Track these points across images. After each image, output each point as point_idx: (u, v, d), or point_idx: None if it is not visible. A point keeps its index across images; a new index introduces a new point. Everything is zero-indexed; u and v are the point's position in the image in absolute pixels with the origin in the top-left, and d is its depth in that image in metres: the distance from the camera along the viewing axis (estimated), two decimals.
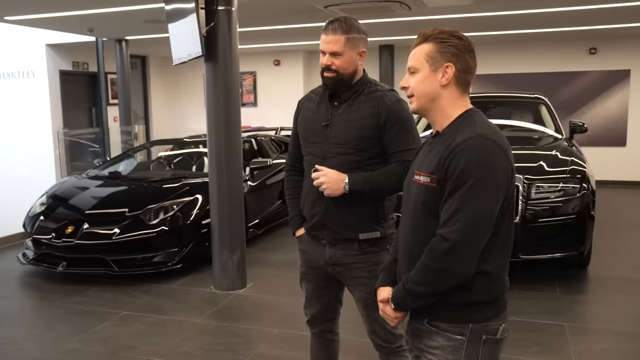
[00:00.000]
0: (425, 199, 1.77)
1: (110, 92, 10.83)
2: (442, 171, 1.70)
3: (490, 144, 1.69)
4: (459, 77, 1.78)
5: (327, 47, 2.39)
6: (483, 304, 1.75)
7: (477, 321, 1.75)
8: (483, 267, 1.72)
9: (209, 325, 4.42)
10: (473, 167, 1.65)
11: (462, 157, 1.66)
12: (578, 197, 4.93)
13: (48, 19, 7.25)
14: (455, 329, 1.76)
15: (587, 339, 4.03)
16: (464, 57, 1.77)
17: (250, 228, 6.54)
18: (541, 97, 6.93)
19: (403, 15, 7.26)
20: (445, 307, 1.76)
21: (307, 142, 2.55)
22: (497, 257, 1.75)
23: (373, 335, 2.61)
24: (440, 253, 1.68)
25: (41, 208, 5.97)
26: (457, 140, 1.70)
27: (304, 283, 2.74)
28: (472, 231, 1.66)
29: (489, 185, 1.66)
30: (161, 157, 7.84)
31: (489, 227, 1.69)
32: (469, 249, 1.67)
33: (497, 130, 1.77)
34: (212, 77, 4.97)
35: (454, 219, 1.66)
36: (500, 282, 1.79)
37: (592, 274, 5.37)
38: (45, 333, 4.32)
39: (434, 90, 1.79)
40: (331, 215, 2.47)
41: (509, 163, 1.71)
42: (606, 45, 10.26)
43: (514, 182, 1.74)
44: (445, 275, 1.70)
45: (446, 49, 1.76)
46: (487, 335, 1.75)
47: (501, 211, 1.71)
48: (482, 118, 1.79)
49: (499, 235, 1.73)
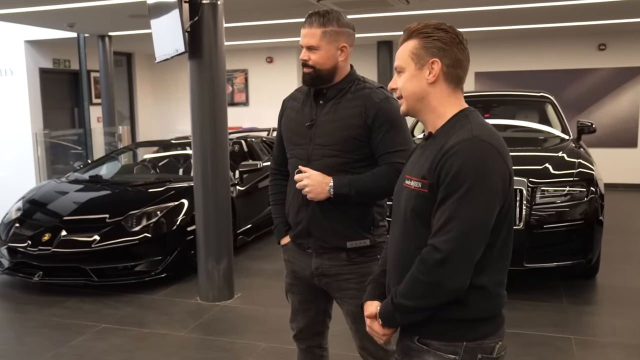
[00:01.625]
0: (415, 205, 1.71)
1: (94, 91, 10.78)
2: (434, 176, 1.65)
3: (486, 146, 1.63)
4: (448, 73, 1.73)
5: (304, 40, 2.38)
6: (478, 320, 1.70)
7: (472, 339, 1.69)
8: (478, 281, 1.67)
9: (193, 339, 4.35)
10: (467, 171, 1.60)
11: (456, 160, 1.61)
12: (586, 201, 4.88)
13: (25, 13, 7.20)
14: (447, 348, 1.70)
15: (594, 352, 3.97)
16: (452, 50, 1.72)
17: (239, 235, 6.49)
18: (547, 95, 6.89)
19: (401, 10, 7.21)
20: (437, 323, 1.70)
21: (291, 144, 2.51)
22: (494, 270, 1.70)
23: (363, 352, 2.56)
24: (431, 265, 1.63)
25: (17, 214, 5.91)
26: (451, 143, 1.64)
27: (289, 295, 2.69)
28: (465, 241, 1.60)
29: (484, 191, 1.60)
30: (146, 159, 7.78)
31: (484, 237, 1.63)
32: (462, 260, 1.61)
33: (494, 132, 1.71)
34: (197, 74, 4.92)
35: (446, 227, 1.61)
36: (497, 297, 1.73)
37: (600, 284, 5.31)
38: (16, 348, 4.25)
39: (422, 89, 1.75)
40: (317, 222, 2.42)
41: (506, 167, 1.65)
42: (616, 41, 10.23)
43: (511, 188, 1.68)
44: (437, 288, 1.64)
45: (431, 44, 1.71)
46: (483, 354, 1.70)
47: (498, 220, 1.65)
48: (478, 118, 1.74)
49: (496, 246, 1.68)
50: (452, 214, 1.60)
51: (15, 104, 9.64)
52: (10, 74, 9.63)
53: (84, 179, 6.61)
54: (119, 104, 10.61)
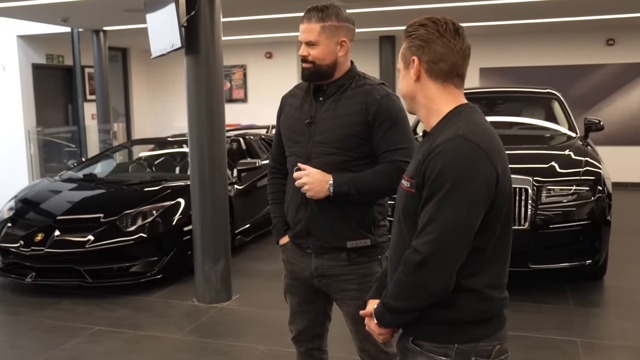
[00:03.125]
0: (405, 205, 1.74)
1: (88, 87, 10.79)
2: (420, 175, 1.67)
3: (470, 146, 1.62)
4: (430, 69, 1.74)
5: (302, 36, 2.40)
6: (470, 323, 1.70)
7: (464, 342, 1.70)
8: (468, 284, 1.68)
9: (190, 341, 4.36)
10: (449, 172, 1.60)
11: (439, 160, 1.62)
12: (593, 201, 4.88)
13: (18, 7, 7.20)
14: (439, 350, 1.71)
15: (601, 356, 3.98)
16: (431, 46, 1.73)
17: (237, 235, 6.49)
18: (554, 92, 6.88)
19: (404, 4, 7.22)
20: (428, 325, 1.72)
21: (290, 142, 2.51)
22: (486, 273, 1.70)
23: (363, 354, 2.56)
24: (411, 267, 1.66)
25: (9, 213, 5.91)
26: (437, 142, 1.66)
27: (288, 296, 2.69)
28: (446, 244, 1.61)
29: (466, 193, 1.60)
30: (141, 157, 7.78)
31: (466, 240, 1.63)
32: (442, 263, 1.62)
33: (486, 131, 1.70)
34: (194, 70, 4.92)
35: (427, 229, 1.63)
36: (491, 300, 1.72)
37: (608, 285, 5.31)
38: (8, 351, 4.26)
39: (410, 87, 1.79)
40: (316, 221, 2.42)
41: (492, 169, 1.63)
42: (625, 35, 10.21)
43: (501, 190, 1.66)
44: (418, 290, 1.66)
45: (411, 43, 1.76)
46: (477, 357, 1.70)
47: (487, 222, 1.65)
48: (471, 116, 1.73)
49: (487, 249, 1.68)
50: (433, 216, 1.62)
51: (7, 101, 9.64)
52: (3, 70, 9.64)
53: (78, 178, 6.62)
54: (113, 101, 10.61)
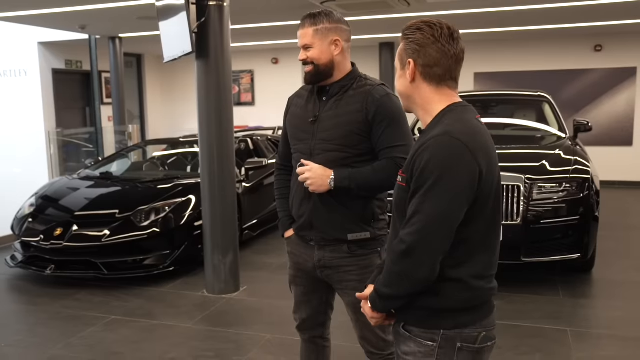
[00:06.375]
0: (397, 198, 1.76)
1: (105, 91, 10.80)
2: (409, 170, 1.68)
3: (453, 142, 1.61)
4: (425, 73, 1.74)
5: (299, 42, 2.43)
6: (455, 310, 1.70)
7: (449, 328, 1.70)
8: (453, 274, 1.67)
9: (200, 330, 4.35)
10: (433, 167, 1.60)
11: (425, 156, 1.63)
12: (581, 197, 4.86)
13: (39, 15, 7.20)
14: (426, 335, 1.72)
15: (590, 345, 3.95)
16: (427, 50, 1.72)
17: (245, 230, 6.48)
18: (545, 95, 6.86)
19: (403, 12, 7.19)
20: (417, 311, 1.73)
21: (295, 139, 2.51)
22: (472, 264, 1.69)
23: (364, 342, 2.55)
24: (397, 256, 1.67)
25: (30, 209, 5.92)
26: (426, 138, 1.67)
27: (293, 287, 2.69)
28: (428, 235, 1.61)
29: (448, 187, 1.60)
30: (154, 157, 7.78)
31: (449, 231, 1.62)
32: (424, 253, 1.63)
33: (473, 128, 1.69)
34: (204, 74, 4.91)
35: (412, 221, 1.64)
36: (477, 290, 1.71)
37: (596, 278, 5.29)
38: (29, 339, 4.26)
39: (406, 88, 1.79)
40: (319, 214, 2.42)
41: (476, 164, 1.62)
42: (612, 42, 10.17)
43: (486, 185, 1.65)
44: (403, 278, 1.67)
45: (408, 46, 1.75)
46: (463, 342, 1.70)
47: (472, 215, 1.65)
48: (461, 114, 1.72)
49: (473, 240, 1.68)
50: (417, 208, 1.63)
51: (29, 104, 9.65)
52: (25, 75, 9.65)
53: (95, 176, 6.62)
54: (129, 104, 10.62)
